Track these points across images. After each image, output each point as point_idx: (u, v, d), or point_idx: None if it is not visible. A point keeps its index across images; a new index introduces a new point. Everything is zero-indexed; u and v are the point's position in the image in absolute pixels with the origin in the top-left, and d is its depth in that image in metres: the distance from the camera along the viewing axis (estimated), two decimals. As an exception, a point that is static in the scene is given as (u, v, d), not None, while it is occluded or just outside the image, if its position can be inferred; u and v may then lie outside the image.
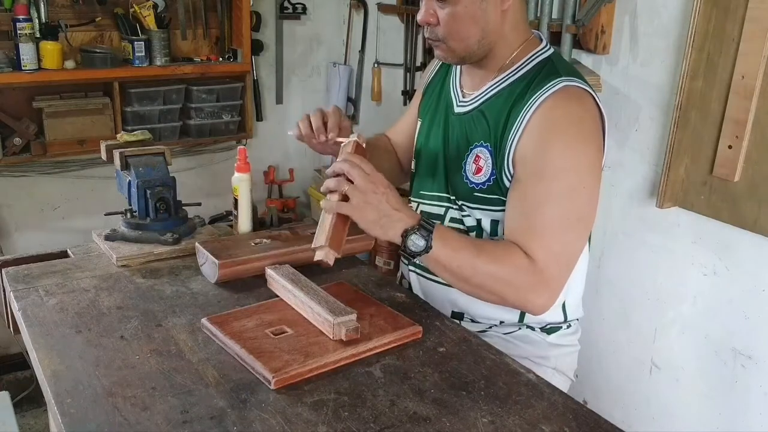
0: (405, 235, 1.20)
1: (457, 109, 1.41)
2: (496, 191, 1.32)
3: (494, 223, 1.35)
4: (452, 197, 1.41)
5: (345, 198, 1.19)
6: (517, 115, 1.27)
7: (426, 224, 1.21)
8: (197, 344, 1.18)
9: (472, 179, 1.35)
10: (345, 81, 3.35)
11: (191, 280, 1.43)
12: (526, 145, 1.26)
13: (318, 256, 1.19)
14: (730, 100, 1.70)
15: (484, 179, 1.33)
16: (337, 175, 1.20)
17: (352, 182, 1.18)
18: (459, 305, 1.42)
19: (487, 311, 1.40)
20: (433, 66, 1.56)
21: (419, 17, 1.33)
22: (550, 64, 1.31)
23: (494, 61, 1.35)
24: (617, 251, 2.11)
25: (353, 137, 1.30)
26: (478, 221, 1.37)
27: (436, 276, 1.43)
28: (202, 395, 1.04)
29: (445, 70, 1.51)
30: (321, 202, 1.22)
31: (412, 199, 1.53)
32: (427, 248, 1.20)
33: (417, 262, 1.25)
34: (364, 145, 1.30)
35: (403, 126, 1.65)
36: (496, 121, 1.31)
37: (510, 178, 1.29)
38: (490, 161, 1.32)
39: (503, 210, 1.32)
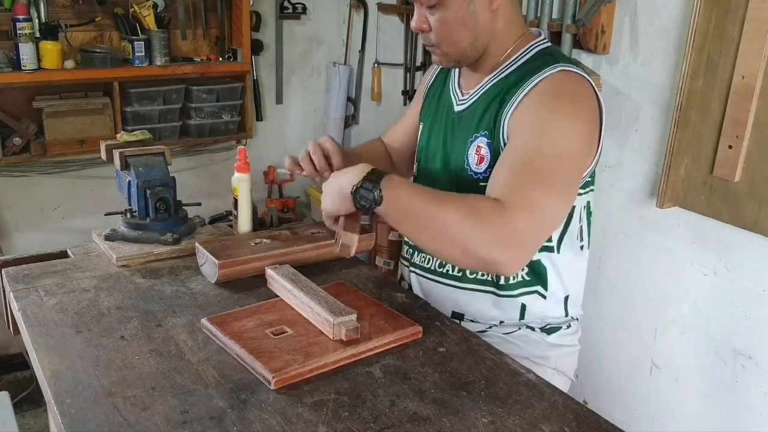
0: (354, 191, 1.17)
1: (456, 108, 1.42)
2: None
3: None
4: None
5: None
6: (512, 96, 1.27)
7: (373, 175, 1.16)
8: (197, 344, 1.18)
9: (475, 170, 1.34)
10: (345, 81, 3.35)
11: (191, 280, 1.43)
12: (521, 115, 1.25)
13: (337, 246, 1.25)
14: (731, 100, 1.70)
15: (486, 167, 1.33)
16: None
17: None
18: (459, 305, 1.42)
19: (488, 311, 1.40)
20: (433, 70, 1.57)
21: (412, 25, 1.35)
22: (548, 53, 1.32)
23: (490, 59, 1.36)
24: (617, 251, 2.11)
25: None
26: None
27: (437, 276, 1.43)
28: (202, 395, 1.04)
29: (444, 74, 1.52)
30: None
31: None
32: (376, 199, 1.15)
33: (374, 213, 1.18)
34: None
35: (400, 130, 1.64)
36: (493, 107, 1.32)
37: None
38: (489, 149, 1.32)
39: None
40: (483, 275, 1.39)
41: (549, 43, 1.37)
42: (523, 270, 1.37)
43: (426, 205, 1.15)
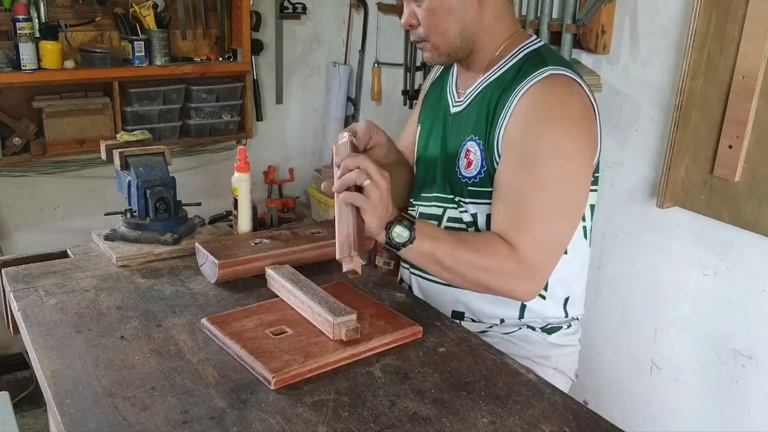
0: (389, 227, 1.20)
1: (453, 110, 1.42)
2: (487, 184, 1.32)
3: (489, 218, 1.35)
4: (449, 196, 1.41)
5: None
6: (503, 104, 1.28)
7: (407, 216, 1.22)
8: (197, 344, 1.18)
9: (464, 173, 1.36)
10: (345, 81, 3.35)
11: (191, 280, 1.43)
12: (513, 131, 1.26)
13: (347, 267, 1.15)
14: (731, 100, 1.70)
15: (475, 172, 1.33)
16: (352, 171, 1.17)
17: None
18: (459, 304, 1.42)
19: (489, 309, 1.40)
20: (432, 75, 1.58)
21: (402, 21, 1.36)
22: (538, 55, 1.32)
23: (481, 56, 1.36)
24: (617, 251, 2.11)
25: (345, 137, 1.28)
26: (474, 216, 1.37)
27: (436, 277, 1.43)
28: (202, 395, 1.04)
29: (443, 76, 1.52)
30: (341, 195, 1.18)
31: (413, 201, 1.53)
32: (411, 239, 1.20)
33: (400, 255, 1.24)
34: (355, 143, 1.29)
35: (408, 139, 1.64)
36: (485, 114, 1.32)
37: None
38: (479, 154, 1.32)
39: None
40: None
41: (542, 43, 1.36)
42: None
43: (452, 251, 1.23)
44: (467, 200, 1.37)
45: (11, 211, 2.91)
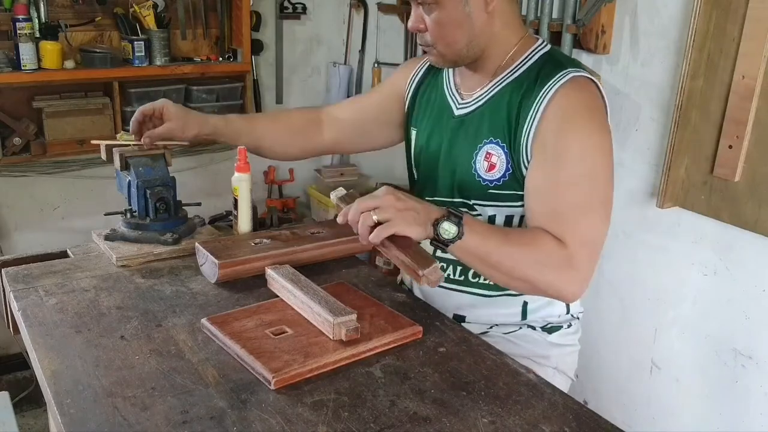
0: (436, 223, 1.17)
1: (457, 112, 1.41)
2: (512, 186, 1.32)
3: (508, 219, 1.35)
4: (457, 200, 1.40)
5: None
6: (529, 108, 1.28)
7: (454, 212, 1.18)
8: (197, 344, 1.18)
9: (485, 177, 1.35)
10: (345, 81, 3.35)
11: (191, 280, 1.43)
12: (545, 133, 1.26)
13: (425, 283, 1.16)
14: (731, 100, 1.70)
15: (499, 175, 1.33)
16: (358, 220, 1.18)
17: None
18: (462, 310, 1.43)
19: (490, 312, 1.40)
20: (417, 67, 1.55)
21: (409, 25, 1.36)
22: (552, 58, 1.33)
23: (490, 61, 1.36)
24: (617, 251, 2.11)
25: (337, 193, 1.27)
26: (491, 218, 1.37)
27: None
28: (202, 395, 1.04)
29: (434, 75, 1.51)
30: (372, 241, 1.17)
31: None
32: (460, 234, 1.17)
33: (447, 252, 1.22)
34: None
35: (363, 101, 1.64)
36: (506, 116, 1.31)
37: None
38: (503, 157, 1.32)
39: (519, 205, 1.33)
40: (485, 279, 1.39)
41: (549, 46, 1.37)
42: None
43: (501, 246, 1.21)
44: (486, 203, 1.36)
45: (11, 211, 2.91)
